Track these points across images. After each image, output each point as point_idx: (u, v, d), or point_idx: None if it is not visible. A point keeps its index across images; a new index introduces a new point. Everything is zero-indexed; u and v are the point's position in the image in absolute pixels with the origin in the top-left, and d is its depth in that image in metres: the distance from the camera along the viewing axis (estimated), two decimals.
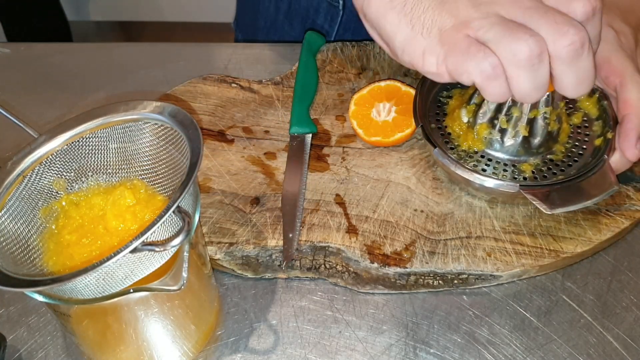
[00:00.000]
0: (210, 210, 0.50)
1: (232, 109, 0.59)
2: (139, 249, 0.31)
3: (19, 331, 0.45)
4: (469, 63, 0.40)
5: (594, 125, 0.52)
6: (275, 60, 0.66)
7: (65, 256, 0.37)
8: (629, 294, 0.46)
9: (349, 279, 0.47)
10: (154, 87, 0.62)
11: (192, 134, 0.38)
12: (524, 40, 0.39)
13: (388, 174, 0.53)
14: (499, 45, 0.40)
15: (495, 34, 0.40)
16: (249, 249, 0.48)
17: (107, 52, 0.69)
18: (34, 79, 0.65)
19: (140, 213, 0.39)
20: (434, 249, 0.47)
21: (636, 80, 0.47)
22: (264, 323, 0.45)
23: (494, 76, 0.40)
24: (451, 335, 0.44)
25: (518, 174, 0.49)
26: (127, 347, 0.40)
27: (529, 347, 0.43)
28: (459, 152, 0.51)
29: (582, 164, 0.50)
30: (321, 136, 0.56)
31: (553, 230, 0.48)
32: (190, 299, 0.41)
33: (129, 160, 0.41)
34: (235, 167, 0.54)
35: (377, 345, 0.44)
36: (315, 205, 0.51)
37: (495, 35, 0.40)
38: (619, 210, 0.49)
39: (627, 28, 0.49)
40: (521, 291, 0.47)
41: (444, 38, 0.41)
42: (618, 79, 0.47)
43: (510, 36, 0.39)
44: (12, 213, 0.37)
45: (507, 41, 0.39)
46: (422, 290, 0.47)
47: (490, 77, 0.40)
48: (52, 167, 0.40)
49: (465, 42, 0.40)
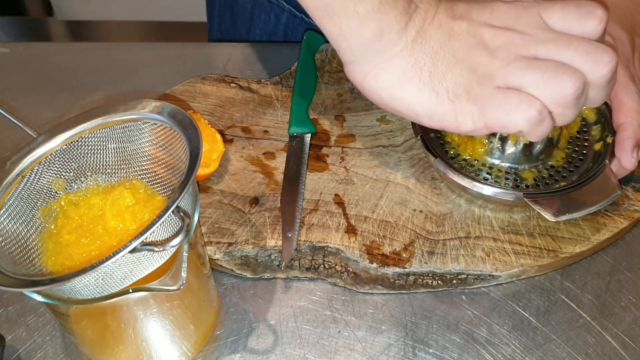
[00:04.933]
0: (209, 210, 0.50)
1: (231, 109, 0.59)
2: (138, 249, 0.31)
3: (18, 331, 0.45)
4: (513, 114, 0.39)
5: (592, 129, 0.52)
6: (274, 59, 0.66)
7: (64, 256, 0.37)
8: (628, 293, 0.46)
9: (348, 279, 0.47)
10: (153, 86, 0.62)
11: (191, 134, 0.38)
12: (567, 78, 0.38)
13: (387, 174, 0.53)
14: (541, 89, 0.39)
15: (532, 79, 0.39)
16: (248, 249, 0.48)
17: (106, 52, 0.69)
18: (33, 78, 0.65)
19: (139, 213, 0.39)
20: (433, 249, 0.47)
21: (630, 89, 0.47)
22: (263, 323, 0.45)
23: (541, 120, 0.40)
24: (450, 335, 0.44)
25: (520, 181, 0.49)
26: (126, 347, 0.40)
27: (528, 347, 0.43)
28: (459, 162, 0.51)
29: (583, 170, 0.50)
30: (320, 136, 0.56)
31: (552, 231, 0.48)
32: (189, 299, 0.41)
33: (128, 160, 0.41)
34: (234, 167, 0.54)
35: (376, 345, 0.44)
36: (314, 205, 0.51)
37: (531, 80, 0.39)
38: (618, 210, 0.49)
39: (623, 34, 0.49)
40: (520, 291, 0.47)
41: (474, 96, 0.40)
42: None
43: (551, 78, 0.39)
44: (11, 213, 0.37)
45: (551, 83, 0.39)
46: (421, 290, 0.47)
47: (538, 122, 0.40)
48: (51, 167, 0.40)
49: (500, 95, 0.39)
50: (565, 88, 0.39)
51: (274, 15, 0.73)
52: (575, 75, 0.39)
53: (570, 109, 0.40)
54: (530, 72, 0.39)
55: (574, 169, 0.50)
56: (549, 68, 0.39)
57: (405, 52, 0.40)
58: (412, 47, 0.40)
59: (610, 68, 0.39)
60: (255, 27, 0.75)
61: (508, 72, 0.39)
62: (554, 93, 0.39)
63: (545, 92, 0.39)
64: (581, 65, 0.39)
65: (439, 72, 0.40)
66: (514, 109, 0.39)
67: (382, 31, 0.40)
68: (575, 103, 0.40)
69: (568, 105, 0.40)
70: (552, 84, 0.39)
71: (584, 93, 0.40)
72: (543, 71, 0.39)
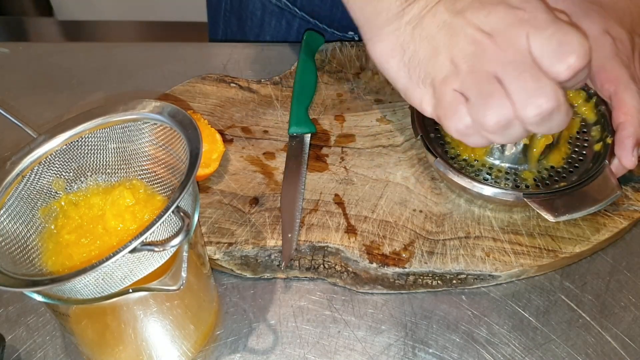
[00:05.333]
0: (209, 210, 0.50)
1: (231, 109, 0.59)
2: (138, 249, 0.31)
3: (18, 331, 0.45)
4: (448, 119, 0.43)
5: (592, 130, 0.52)
6: (274, 60, 0.66)
7: (65, 256, 0.37)
8: (628, 293, 0.46)
9: (347, 279, 0.47)
10: (153, 86, 0.62)
11: (191, 134, 0.38)
12: (493, 109, 0.40)
13: (387, 174, 0.53)
14: (473, 108, 0.41)
15: (473, 95, 0.41)
16: (248, 249, 0.48)
17: (106, 52, 0.69)
18: (33, 78, 0.65)
19: (139, 213, 0.39)
20: (433, 249, 0.47)
21: (631, 88, 0.47)
22: (263, 323, 0.45)
23: (467, 134, 0.43)
24: (450, 335, 0.44)
25: (520, 182, 0.50)
26: (126, 346, 0.40)
27: (528, 347, 0.43)
28: (459, 162, 0.51)
29: (583, 170, 0.50)
30: (320, 136, 0.56)
31: (552, 231, 0.48)
32: (189, 299, 0.41)
33: (128, 160, 0.41)
34: (234, 167, 0.54)
35: (376, 345, 0.44)
36: (314, 205, 0.51)
37: (472, 96, 0.41)
38: (618, 210, 0.49)
39: (623, 33, 0.49)
40: (520, 291, 0.47)
41: (436, 89, 0.43)
42: (612, 87, 0.48)
43: (482, 103, 0.41)
44: (11, 213, 0.37)
45: (479, 106, 0.41)
46: (421, 290, 0.47)
47: (464, 135, 0.43)
48: (51, 167, 0.40)
49: (449, 97, 0.42)
50: (488, 116, 0.41)
51: (286, 22, 0.73)
52: (500, 109, 0.40)
53: (494, 135, 0.42)
54: (474, 90, 0.41)
55: (574, 169, 0.50)
56: (487, 92, 0.41)
57: (398, 32, 0.44)
58: (404, 29, 0.44)
59: (539, 111, 0.40)
60: (265, 34, 0.75)
61: (465, 81, 0.41)
62: (480, 116, 0.41)
63: (473, 112, 0.41)
64: (516, 97, 0.40)
65: (417, 58, 0.43)
66: (450, 114, 0.42)
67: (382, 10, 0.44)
68: (498, 131, 0.41)
69: (490, 132, 0.42)
70: (480, 108, 0.41)
71: (510, 127, 0.41)
72: (480, 92, 0.41)
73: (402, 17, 0.44)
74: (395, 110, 0.58)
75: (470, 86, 0.41)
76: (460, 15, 0.42)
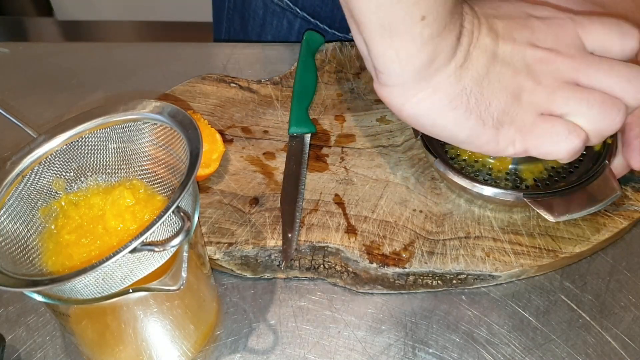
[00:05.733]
0: (209, 210, 0.50)
1: (231, 109, 0.59)
2: (139, 249, 0.31)
3: (18, 331, 0.45)
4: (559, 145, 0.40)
5: None
6: (274, 60, 0.66)
7: (65, 256, 0.37)
8: (628, 293, 0.46)
9: (347, 279, 0.47)
10: (153, 86, 0.62)
11: (192, 134, 0.38)
12: (615, 113, 0.39)
13: (387, 174, 0.53)
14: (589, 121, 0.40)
15: (578, 109, 0.39)
16: (248, 249, 0.48)
17: (106, 52, 0.69)
18: (33, 78, 0.65)
19: (139, 213, 0.39)
20: (433, 249, 0.47)
21: None
22: (263, 323, 0.45)
23: (580, 149, 0.41)
24: (450, 335, 0.44)
25: (520, 182, 0.50)
26: (126, 346, 0.40)
27: (528, 347, 0.43)
28: (459, 162, 0.51)
29: (583, 171, 0.50)
30: (320, 136, 0.56)
31: (552, 231, 0.48)
32: (189, 299, 0.41)
33: (128, 160, 0.41)
34: (234, 167, 0.54)
35: (376, 345, 0.44)
36: (314, 205, 0.51)
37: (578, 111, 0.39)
38: (618, 210, 0.49)
39: None
40: (520, 291, 0.47)
41: (518, 124, 0.40)
42: None
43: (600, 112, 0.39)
44: (11, 213, 0.37)
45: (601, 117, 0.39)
46: (421, 290, 0.47)
47: (577, 152, 0.41)
48: (51, 167, 0.40)
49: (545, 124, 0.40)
50: (613, 122, 0.40)
51: (287, 22, 0.73)
52: (621, 110, 0.40)
53: (607, 135, 0.41)
54: (575, 103, 0.39)
55: (574, 169, 0.50)
56: (596, 101, 0.39)
57: (453, 79, 0.39)
58: (459, 73, 0.39)
59: None
60: (266, 33, 0.75)
61: (552, 101, 0.40)
62: (602, 126, 0.40)
63: (592, 124, 0.40)
64: (622, 92, 0.40)
65: (485, 100, 0.39)
66: (561, 139, 0.40)
67: (437, 56, 0.37)
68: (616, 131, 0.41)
69: (610, 134, 0.41)
70: (601, 118, 0.39)
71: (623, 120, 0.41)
72: (590, 104, 0.39)
73: (454, 59, 0.38)
74: None
75: (563, 104, 0.39)
76: (509, 41, 0.40)
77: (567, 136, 0.40)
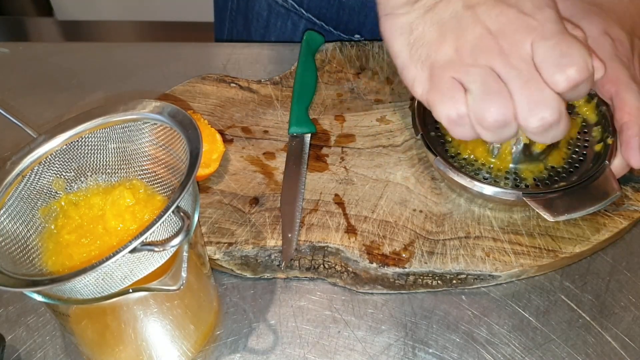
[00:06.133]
0: (209, 210, 0.50)
1: (231, 109, 0.59)
2: (138, 249, 0.31)
3: (18, 331, 0.45)
4: (441, 104, 0.43)
5: (593, 130, 0.52)
6: (274, 60, 0.66)
7: (65, 256, 0.37)
8: (628, 293, 0.46)
9: (347, 279, 0.47)
10: (153, 86, 0.62)
11: (192, 134, 0.38)
12: (496, 106, 0.41)
13: (387, 174, 0.53)
14: (473, 101, 0.42)
15: (475, 89, 0.41)
16: (248, 249, 0.48)
17: (106, 52, 0.69)
18: (33, 78, 0.65)
19: (139, 213, 0.39)
20: (433, 249, 0.47)
21: (632, 88, 0.47)
22: (263, 323, 0.45)
23: (457, 123, 0.43)
24: (450, 335, 0.44)
25: (519, 181, 0.50)
26: (126, 346, 0.40)
27: (528, 347, 0.43)
28: (459, 161, 0.51)
29: (583, 171, 0.50)
30: (320, 136, 0.56)
31: (552, 231, 0.48)
32: (189, 299, 0.41)
33: (128, 160, 0.41)
34: (234, 167, 0.54)
35: (376, 345, 0.44)
36: (314, 205, 0.51)
37: (474, 89, 0.42)
38: (618, 210, 0.49)
39: (623, 34, 0.49)
40: (520, 291, 0.47)
41: (434, 73, 0.43)
42: (614, 87, 0.48)
43: (486, 98, 0.41)
44: (11, 213, 0.37)
45: (482, 100, 0.41)
46: (421, 290, 0.47)
47: (454, 123, 0.43)
48: (51, 167, 0.40)
49: (447, 83, 0.42)
50: (487, 113, 0.41)
51: (292, 23, 0.73)
52: (501, 110, 0.41)
53: (487, 132, 0.42)
54: (477, 82, 0.41)
55: (574, 169, 0.50)
56: (491, 90, 0.41)
57: (410, 12, 0.45)
58: (417, 11, 0.44)
59: (541, 123, 0.41)
60: (270, 35, 0.75)
61: (467, 72, 0.42)
62: (477, 111, 0.41)
63: (472, 105, 0.42)
64: (518, 104, 0.41)
65: (422, 40, 0.44)
66: (445, 100, 0.42)
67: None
68: (492, 130, 0.42)
69: (485, 128, 0.42)
70: (480, 103, 0.41)
71: (506, 127, 0.42)
72: (485, 87, 0.41)
73: (417, 0, 0.45)
74: (395, 110, 0.58)
75: (475, 78, 0.41)
76: (472, 10, 0.42)
77: (445, 100, 0.42)
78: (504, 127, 0.42)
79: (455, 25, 0.43)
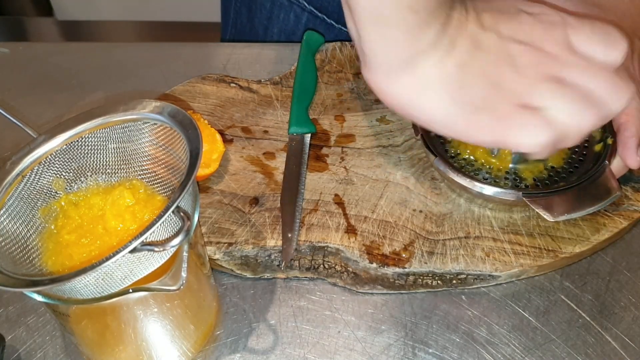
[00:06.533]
0: (209, 210, 0.50)
1: (231, 109, 0.59)
2: (138, 249, 0.32)
3: (18, 331, 0.45)
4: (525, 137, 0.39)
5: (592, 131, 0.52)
6: (274, 60, 0.66)
7: (65, 256, 0.37)
8: (628, 293, 0.46)
9: (347, 279, 0.47)
10: (153, 86, 0.62)
11: (192, 134, 0.38)
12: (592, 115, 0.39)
13: (387, 174, 0.53)
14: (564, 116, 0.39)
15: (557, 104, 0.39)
16: (248, 249, 0.48)
17: (106, 52, 0.69)
18: (33, 78, 0.65)
19: (139, 213, 0.39)
20: (433, 249, 0.47)
21: None
22: (263, 323, 0.45)
23: (547, 145, 0.40)
24: (450, 335, 0.44)
25: (519, 181, 0.50)
26: (126, 346, 0.40)
27: (528, 347, 0.43)
28: (459, 161, 0.51)
29: (583, 171, 0.50)
30: (320, 136, 0.56)
31: (551, 231, 0.48)
32: (189, 299, 0.41)
33: (128, 160, 0.41)
34: (234, 167, 0.54)
35: (375, 345, 0.44)
36: (314, 205, 0.51)
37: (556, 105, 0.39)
38: (618, 210, 0.49)
39: None
40: (520, 291, 0.47)
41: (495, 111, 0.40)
42: None
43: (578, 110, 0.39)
44: (11, 213, 0.37)
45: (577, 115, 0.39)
46: (421, 290, 0.47)
47: (544, 147, 0.40)
48: (51, 167, 0.40)
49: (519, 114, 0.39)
50: (585, 123, 0.39)
51: (294, 15, 0.73)
52: (598, 114, 0.40)
53: (577, 139, 0.41)
54: (557, 97, 0.39)
55: (574, 169, 0.50)
56: (576, 98, 0.39)
57: (437, 64, 0.39)
58: (444, 59, 0.39)
59: (625, 102, 0.40)
60: (273, 26, 0.75)
61: (532, 92, 0.39)
62: (574, 124, 0.39)
63: (567, 121, 0.39)
64: (602, 98, 0.40)
65: (466, 85, 0.40)
66: (529, 131, 0.39)
67: (423, 43, 0.38)
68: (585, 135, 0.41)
69: (579, 136, 0.40)
70: (576, 116, 0.39)
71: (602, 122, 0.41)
72: (570, 100, 0.39)
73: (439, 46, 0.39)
74: None
75: (545, 96, 0.39)
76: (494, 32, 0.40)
77: (534, 128, 0.39)
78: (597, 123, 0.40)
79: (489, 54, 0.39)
